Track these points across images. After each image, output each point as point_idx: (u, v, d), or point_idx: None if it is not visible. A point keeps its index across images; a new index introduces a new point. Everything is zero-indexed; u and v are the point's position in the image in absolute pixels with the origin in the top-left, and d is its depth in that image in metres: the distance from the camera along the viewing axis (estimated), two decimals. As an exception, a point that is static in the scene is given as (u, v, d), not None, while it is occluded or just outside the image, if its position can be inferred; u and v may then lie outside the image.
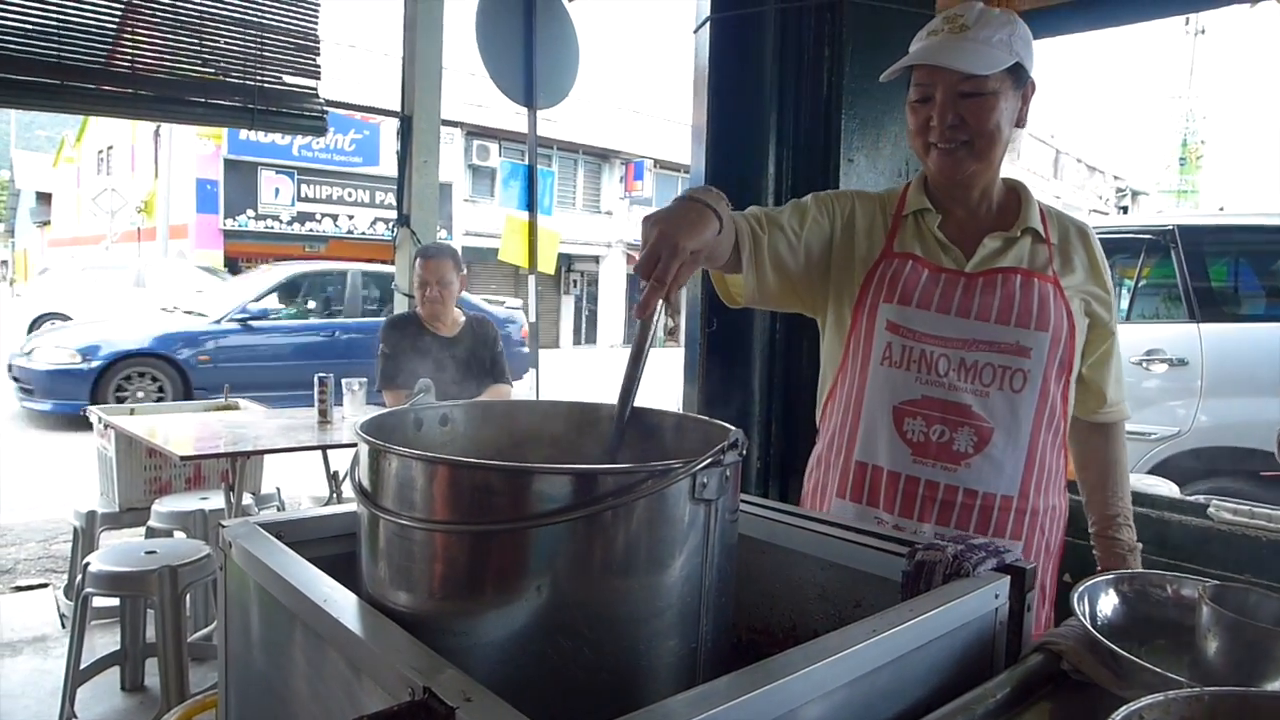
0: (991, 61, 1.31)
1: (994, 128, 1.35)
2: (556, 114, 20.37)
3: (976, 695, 0.88)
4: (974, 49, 1.32)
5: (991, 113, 1.34)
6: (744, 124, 2.03)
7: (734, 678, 0.71)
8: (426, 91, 4.24)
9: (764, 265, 1.38)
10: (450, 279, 3.68)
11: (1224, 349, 4.05)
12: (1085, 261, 1.46)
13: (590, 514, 0.75)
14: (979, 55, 1.31)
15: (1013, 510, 1.39)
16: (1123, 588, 1.07)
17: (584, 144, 22.60)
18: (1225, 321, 4.16)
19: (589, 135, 22.26)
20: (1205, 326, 4.09)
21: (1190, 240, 4.28)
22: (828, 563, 1.15)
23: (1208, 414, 3.95)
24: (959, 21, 1.35)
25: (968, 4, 1.39)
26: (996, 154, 1.40)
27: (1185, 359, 4.04)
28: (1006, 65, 1.32)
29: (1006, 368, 1.37)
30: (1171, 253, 4.27)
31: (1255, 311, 4.39)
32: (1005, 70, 1.33)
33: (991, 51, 1.32)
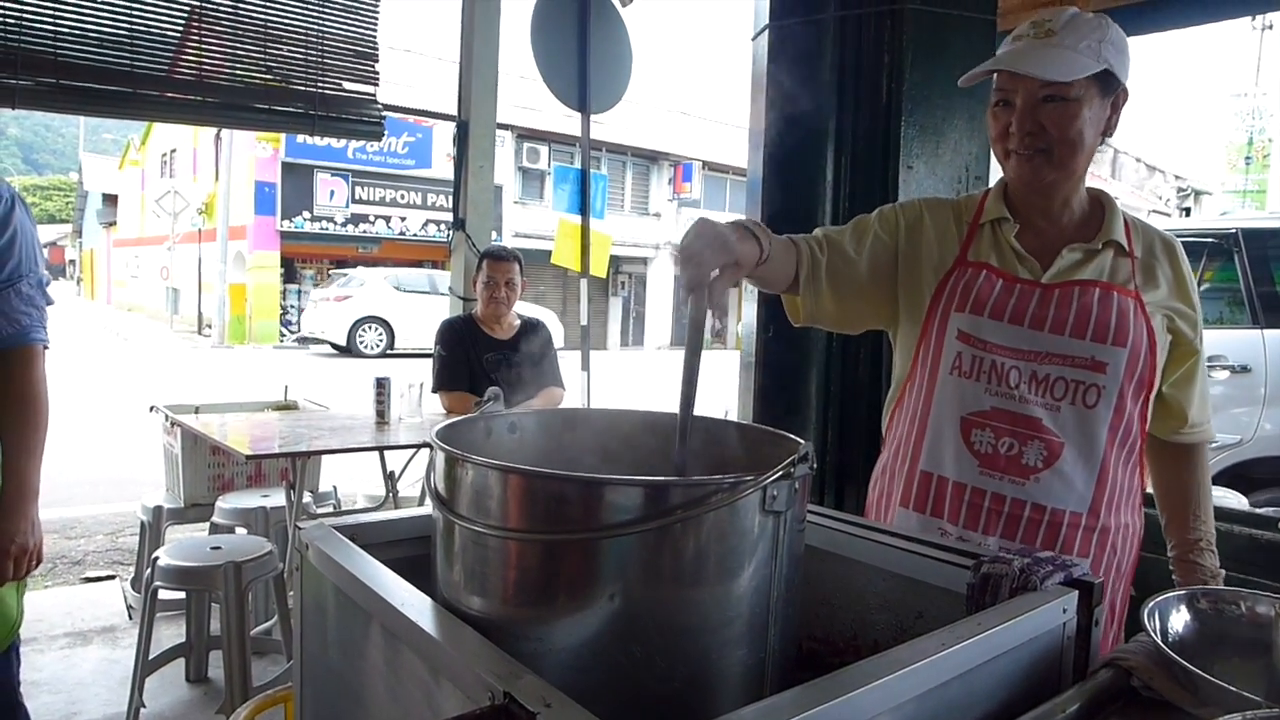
0: (1075, 68, 1.28)
1: (1075, 135, 1.32)
2: (605, 116, 20.45)
3: (1045, 710, 0.88)
4: (1058, 55, 1.28)
5: (1074, 120, 1.31)
6: (802, 130, 2.03)
7: (803, 690, 0.72)
8: (483, 97, 4.30)
9: (820, 287, 1.41)
10: (516, 281, 3.76)
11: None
12: (1170, 277, 1.42)
13: (662, 525, 0.77)
14: (1062, 61, 1.28)
15: (1081, 527, 1.37)
16: (1195, 604, 1.05)
17: (633, 146, 22.66)
18: None
19: (638, 137, 22.32)
20: (1269, 332, 4.01)
21: (1254, 243, 4.19)
22: (889, 573, 1.15)
23: (1272, 422, 3.85)
24: (1046, 27, 1.32)
25: (1059, 9, 1.35)
26: (1079, 163, 1.36)
27: (1248, 365, 3.95)
28: (1092, 72, 1.28)
29: (1080, 382, 1.34)
30: (1234, 256, 4.18)
31: None
32: (1091, 77, 1.29)
33: (1077, 58, 1.28)
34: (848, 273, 1.43)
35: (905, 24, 1.92)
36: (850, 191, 1.99)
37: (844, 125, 2.00)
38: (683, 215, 23.89)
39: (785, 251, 1.37)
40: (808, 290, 1.41)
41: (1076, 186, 1.41)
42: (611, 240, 4.76)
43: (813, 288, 1.41)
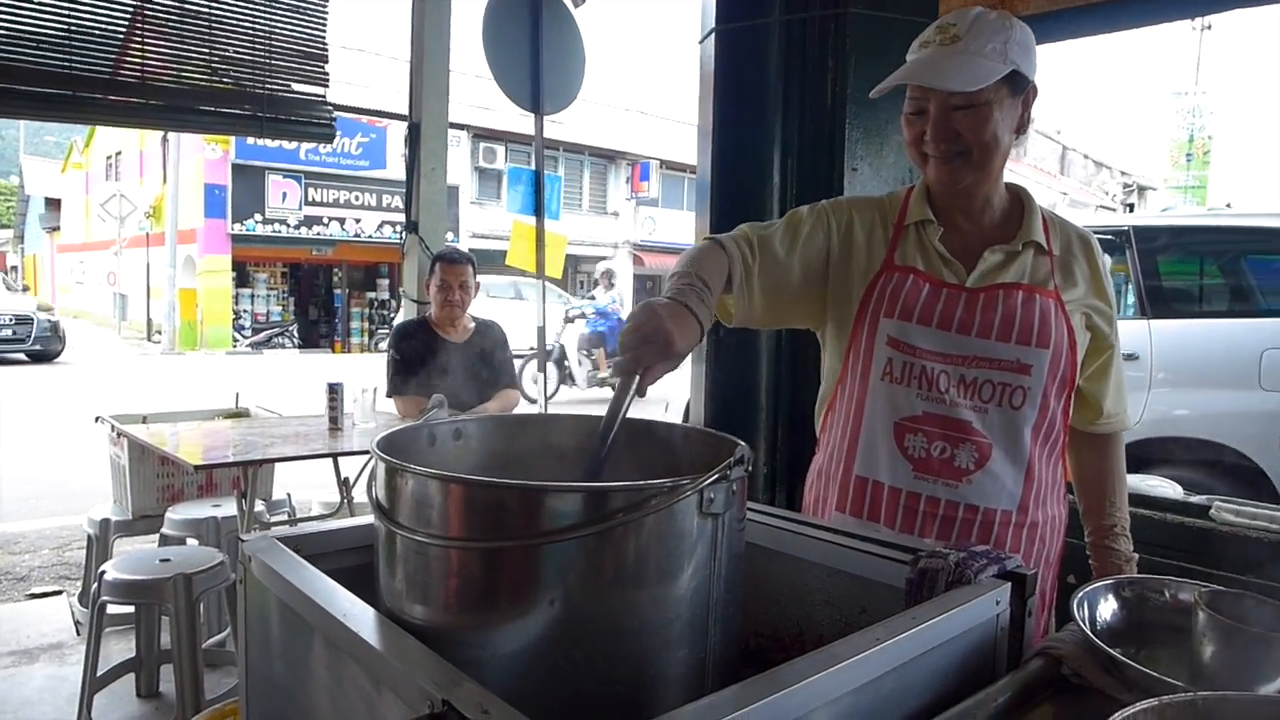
0: (983, 74, 1.28)
1: (990, 138, 1.34)
2: (563, 115, 20.38)
3: (978, 700, 0.90)
4: (964, 62, 1.29)
5: (987, 124, 1.32)
6: (749, 132, 2.05)
7: (742, 687, 0.73)
8: (434, 99, 4.27)
9: (753, 291, 1.40)
10: (470, 284, 3.75)
11: (1173, 344, 4.23)
12: (1087, 273, 1.45)
13: (601, 530, 0.78)
14: (969, 69, 1.29)
15: (1012, 524, 1.40)
16: (1122, 593, 1.09)
17: (590, 145, 22.63)
18: (1174, 318, 4.35)
19: (595, 136, 22.29)
20: (1155, 322, 4.26)
21: (1144, 240, 4.47)
22: (833, 570, 1.17)
23: (1159, 405, 4.11)
24: (951, 31, 1.32)
25: (962, 11, 1.36)
26: (995, 163, 1.38)
27: (1136, 353, 4.16)
28: (1000, 75, 1.29)
29: (1006, 385, 1.37)
30: (1126, 252, 4.43)
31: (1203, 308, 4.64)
32: (1001, 79, 1.30)
33: (984, 63, 1.29)
34: (780, 276, 1.43)
35: (848, 27, 1.95)
36: (797, 193, 2.02)
37: (790, 127, 2.02)
38: (641, 214, 23.92)
39: (719, 267, 1.34)
40: (740, 294, 1.40)
41: (995, 185, 1.43)
42: (567, 240, 4.76)
43: (745, 292, 1.40)
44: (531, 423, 1.21)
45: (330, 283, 21.14)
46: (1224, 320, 4.44)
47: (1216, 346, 4.18)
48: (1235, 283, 4.61)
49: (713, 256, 1.36)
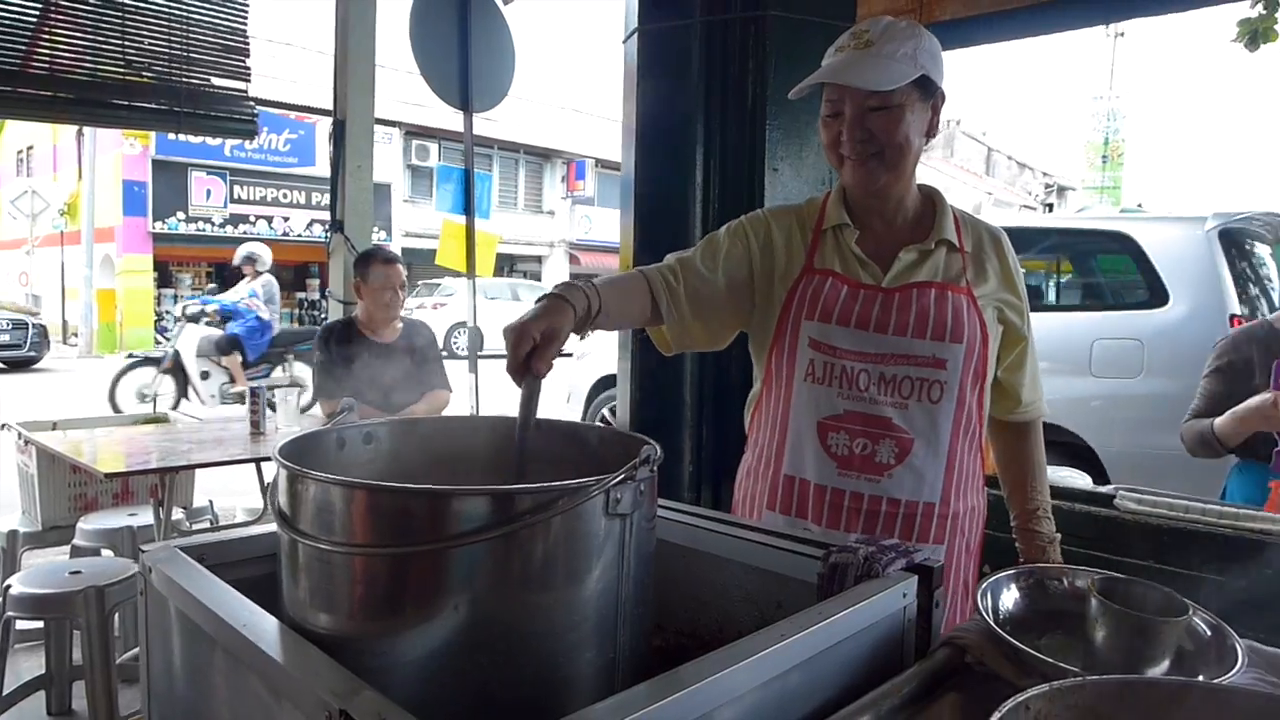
0: (896, 76, 1.34)
1: (902, 140, 1.39)
2: (497, 113, 20.17)
3: (884, 691, 0.92)
4: (878, 64, 1.35)
5: (899, 125, 1.38)
6: (672, 133, 2.06)
7: (646, 687, 0.74)
8: (360, 95, 4.19)
9: (683, 313, 1.45)
10: (403, 284, 3.69)
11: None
12: (998, 269, 1.50)
13: (505, 534, 0.77)
14: (883, 71, 1.34)
15: (935, 516, 1.44)
16: (1023, 582, 1.12)
17: (525, 144, 22.47)
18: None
19: (530, 135, 22.14)
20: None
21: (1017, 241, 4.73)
22: (751, 567, 1.18)
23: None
24: (864, 37, 1.38)
25: (874, 19, 1.43)
26: (907, 165, 1.44)
27: None
28: (911, 79, 1.35)
29: (924, 380, 1.41)
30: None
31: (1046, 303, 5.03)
32: (912, 83, 1.36)
33: (896, 66, 1.35)
34: (706, 292, 1.48)
35: (767, 30, 1.97)
36: (720, 192, 2.04)
37: (712, 128, 2.04)
38: (577, 213, 23.86)
39: (634, 288, 1.41)
40: (671, 319, 1.45)
41: (908, 187, 1.49)
42: (498, 240, 4.71)
43: (675, 316, 1.45)
44: (446, 425, 1.19)
45: (258, 283, 20.57)
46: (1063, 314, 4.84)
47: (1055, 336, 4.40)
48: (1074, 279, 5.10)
49: (630, 279, 1.43)
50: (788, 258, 1.51)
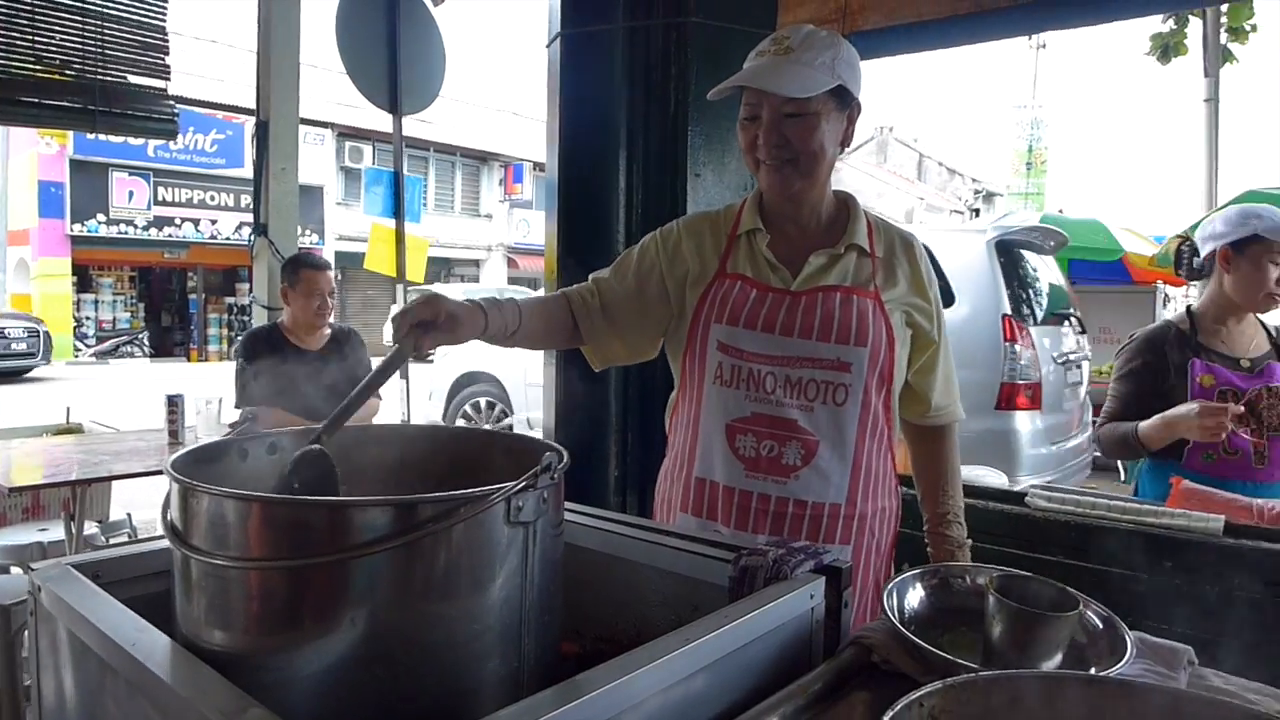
0: (813, 84, 1.37)
1: (817, 147, 1.41)
2: (432, 115, 19.90)
3: (790, 691, 0.93)
4: (796, 71, 1.37)
5: (814, 133, 1.40)
6: (595, 137, 2.06)
7: (549, 694, 0.74)
8: (284, 95, 4.10)
9: (602, 329, 1.54)
10: (332, 290, 3.62)
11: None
12: (908, 273, 1.53)
13: (403, 544, 0.76)
14: (801, 78, 1.37)
15: (841, 517, 1.46)
16: (928, 581, 1.15)
17: (462, 146, 22.24)
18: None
19: (467, 137, 21.93)
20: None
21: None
22: (666, 571, 1.19)
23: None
24: (785, 43, 1.40)
25: (795, 26, 1.45)
26: (821, 172, 1.46)
27: None
28: (828, 88, 1.38)
29: (829, 383, 1.43)
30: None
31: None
32: (828, 92, 1.39)
33: (814, 74, 1.37)
34: (625, 306, 1.54)
35: (689, 36, 1.98)
36: (643, 197, 2.04)
37: (635, 133, 2.04)
38: (515, 216, 23.69)
39: (555, 309, 1.51)
40: (592, 336, 1.53)
41: (822, 193, 1.51)
42: (429, 244, 4.66)
43: (596, 333, 1.53)
44: (356, 435, 1.17)
45: (185, 287, 19.93)
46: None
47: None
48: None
49: (552, 300, 1.53)
50: (701, 264, 1.53)
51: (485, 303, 1.33)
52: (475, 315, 1.30)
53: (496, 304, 1.35)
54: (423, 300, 1.21)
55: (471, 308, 1.30)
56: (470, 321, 1.28)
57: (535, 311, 1.47)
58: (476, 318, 1.30)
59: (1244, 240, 2.10)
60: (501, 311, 1.36)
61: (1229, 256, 2.14)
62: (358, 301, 21.11)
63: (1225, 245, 2.14)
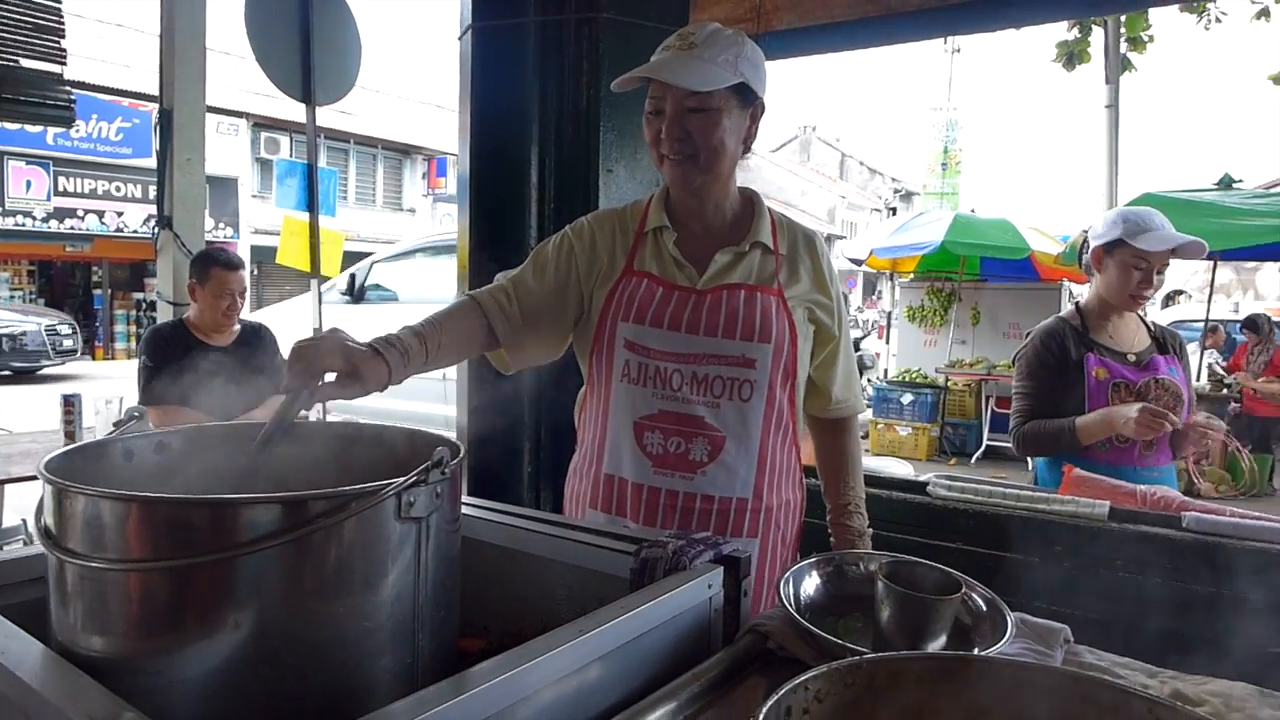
0: (715, 79, 1.38)
1: (718, 143, 1.43)
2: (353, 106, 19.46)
3: (686, 679, 0.95)
4: (699, 67, 1.38)
5: (716, 129, 1.42)
6: (507, 132, 2.05)
7: (437, 688, 0.73)
8: (188, 82, 3.95)
9: (519, 333, 1.50)
10: (244, 289, 3.52)
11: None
12: (811, 270, 1.56)
13: (288, 542, 0.75)
14: (703, 73, 1.38)
15: (748, 510, 1.49)
16: (824, 569, 1.18)
17: (384, 139, 21.78)
18: None
19: (389, 130, 21.48)
20: None
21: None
22: (572, 565, 1.20)
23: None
24: (689, 39, 1.42)
25: (701, 24, 1.47)
26: (723, 168, 1.47)
27: None
28: (729, 84, 1.39)
29: (735, 379, 1.46)
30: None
31: None
32: (730, 89, 1.40)
33: (716, 70, 1.39)
34: (544, 307, 1.52)
35: (601, 31, 1.99)
36: (555, 193, 2.04)
37: (547, 128, 2.04)
38: (439, 211, 23.33)
39: (467, 316, 1.45)
40: (510, 340, 1.50)
41: (726, 190, 1.53)
42: (344, 238, 4.55)
43: (514, 337, 1.50)
44: (243, 431, 1.14)
45: (89, 282, 19.06)
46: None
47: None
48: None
49: (462, 307, 1.47)
50: (609, 261, 1.54)
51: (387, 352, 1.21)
52: (379, 369, 1.18)
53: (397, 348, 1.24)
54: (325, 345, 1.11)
55: (377, 362, 1.18)
56: (373, 376, 1.17)
57: (446, 330, 1.37)
58: (380, 371, 1.18)
59: (1113, 242, 2.20)
60: (402, 356, 1.24)
61: (1100, 257, 2.24)
62: (275, 297, 20.46)
63: (1099, 245, 2.24)
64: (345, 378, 1.12)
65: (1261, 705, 0.99)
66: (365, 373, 1.15)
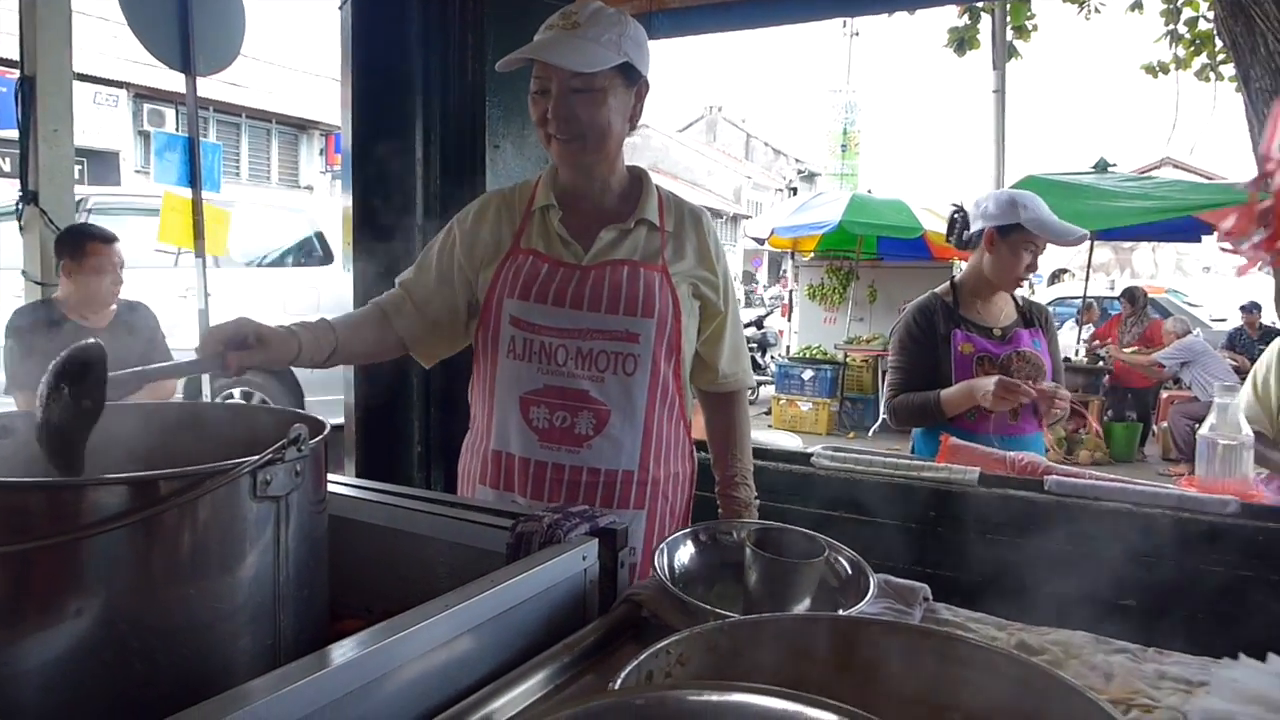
0: (599, 60, 1.39)
1: (604, 123, 1.44)
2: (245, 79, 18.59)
3: (559, 649, 0.97)
4: (583, 46, 1.39)
5: (601, 108, 1.43)
6: (390, 108, 2.00)
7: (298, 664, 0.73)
8: (53, 47, 3.69)
9: (421, 332, 1.56)
10: (122, 263, 3.34)
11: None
12: (697, 247, 1.59)
13: (135, 523, 0.73)
14: (588, 53, 1.38)
15: (634, 483, 1.52)
16: (700, 538, 1.21)
17: (278, 113, 20.90)
18: None
19: (283, 103, 20.62)
20: None
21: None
22: (453, 543, 1.19)
23: None
24: (572, 18, 1.42)
25: (585, 3, 1.47)
26: (610, 147, 1.49)
27: None
28: (614, 64, 1.40)
29: (619, 353, 1.48)
30: None
31: None
32: (615, 69, 1.41)
33: (600, 50, 1.39)
34: (435, 301, 1.55)
35: (487, 5, 1.95)
36: (441, 169, 2.01)
37: (432, 102, 2.00)
38: (337, 188, 22.59)
39: (371, 322, 1.53)
40: (412, 338, 1.56)
41: (613, 168, 1.55)
42: (230, 215, 4.36)
43: (415, 334, 1.56)
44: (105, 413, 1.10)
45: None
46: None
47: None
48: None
49: (366, 313, 1.55)
50: (496, 242, 1.55)
51: (299, 327, 1.34)
52: (288, 340, 1.30)
53: (310, 328, 1.36)
54: (233, 321, 1.22)
55: (284, 333, 1.30)
56: (281, 344, 1.28)
57: (352, 327, 1.49)
58: (289, 342, 1.30)
59: (1009, 226, 2.30)
60: (316, 335, 1.36)
61: (993, 239, 2.33)
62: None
63: (992, 228, 2.33)
64: (254, 343, 1.22)
65: (1096, 651, 1.07)
66: (272, 341, 1.24)
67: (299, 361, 1.32)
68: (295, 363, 1.32)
